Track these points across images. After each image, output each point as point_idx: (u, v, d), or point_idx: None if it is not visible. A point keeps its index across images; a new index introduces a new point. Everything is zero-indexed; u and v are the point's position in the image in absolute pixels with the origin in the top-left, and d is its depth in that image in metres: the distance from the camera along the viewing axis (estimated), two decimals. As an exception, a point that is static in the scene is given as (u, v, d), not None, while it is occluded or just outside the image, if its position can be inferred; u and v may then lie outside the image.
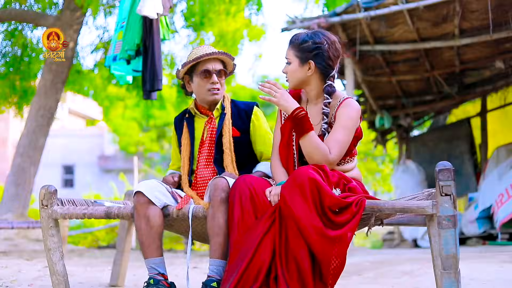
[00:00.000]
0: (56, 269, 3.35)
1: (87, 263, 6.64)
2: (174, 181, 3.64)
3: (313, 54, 3.23)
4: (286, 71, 3.31)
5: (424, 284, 4.34)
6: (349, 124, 3.19)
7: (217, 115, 3.68)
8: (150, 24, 5.90)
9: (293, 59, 3.27)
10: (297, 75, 3.28)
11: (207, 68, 3.61)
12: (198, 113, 3.71)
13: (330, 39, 3.27)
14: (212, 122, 3.65)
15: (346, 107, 3.23)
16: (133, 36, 5.92)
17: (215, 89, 3.62)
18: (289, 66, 3.29)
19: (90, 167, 33.62)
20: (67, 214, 3.37)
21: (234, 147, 3.61)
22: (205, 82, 3.62)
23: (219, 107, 3.68)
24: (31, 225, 7.03)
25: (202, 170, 3.60)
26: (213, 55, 3.59)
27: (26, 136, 9.15)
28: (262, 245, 2.88)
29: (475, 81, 10.83)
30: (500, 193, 8.42)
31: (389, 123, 11.44)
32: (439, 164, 2.82)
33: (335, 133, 3.17)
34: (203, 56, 3.57)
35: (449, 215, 2.78)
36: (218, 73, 3.63)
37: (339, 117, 3.21)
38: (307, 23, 8.23)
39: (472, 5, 7.76)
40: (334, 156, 3.12)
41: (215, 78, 3.60)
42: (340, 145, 3.15)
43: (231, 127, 3.63)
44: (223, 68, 3.66)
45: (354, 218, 2.83)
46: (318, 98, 3.33)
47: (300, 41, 3.27)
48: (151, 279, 3.21)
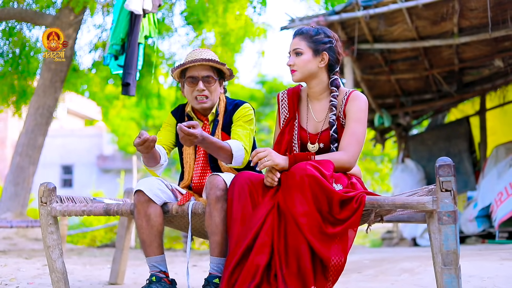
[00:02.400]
0: (55, 266, 3.35)
1: (86, 261, 6.63)
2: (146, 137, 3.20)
3: (327, 47, 3.27)
4: (294, 63, 3.28)
5: (424, 281, 4.34)
6: (362, 116, 3.22)
7: (212, 119, 3.63)
8: (134, 20, 5.92)
9: (306, 50, 3.26)
10: (308, 67, 3.26)
11: (193, 75, 3.53)
12: (195, 117, 3.66)
13: (336, 35, 3.35)
14: (206, 128, 3.61)
15: (354, 100, 3.25)
16: (119, 31, 5.98)
17: (202, 96, 3.52)
18: (300, 56, 3.26)
19: (89, 167, 33.63)
20: (66, 211, 3.36)
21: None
22: (191, 89, 3.55)
23: (214, 111, 3.62)
24: (30, 224, 7.02)
25: (199, 178, 3.59)
26: (195, 62, 3.49)
27: (25, 135, 9.15)
28: (259, 239, 2.87)
29: (474, 80, 10.84)
30: (499, 192, 8.42)
31: (388, 122, 11.43)
32: (439, 159, 2.81)
33: (350, 128, 3.19)
34: (186, 64, 3.52)
35: (449, 210, 2.77)
36: (206, 79, 3.53)
37: (349, 111, 3.23)
38: (306, 22, 8.24)
39: (471, 3, 7.76)
40: (353, 153, 3.14)
41: (200, 85, 3.51)
42: (358, 139, 3.17)
43: (220, 133, 3.56)
44: (211, 74, 3.54)
45: (354, 215, 2.83)
46: (323, 93, 3.34)
47: (314, 33, 3.29)
48: (153, 277, 3.21)
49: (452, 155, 10.91)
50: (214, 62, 3.52)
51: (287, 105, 3.42)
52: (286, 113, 3.41)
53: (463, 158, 11.03)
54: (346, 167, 3.13)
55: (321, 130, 3.30)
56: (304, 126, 3.36)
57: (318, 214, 2.81)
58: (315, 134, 3.31)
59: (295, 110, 3.39)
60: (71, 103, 30.77)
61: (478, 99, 11.61)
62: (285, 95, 3.47)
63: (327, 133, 3.27)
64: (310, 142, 3.32)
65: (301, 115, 3.39)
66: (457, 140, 11.34)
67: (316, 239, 2.78)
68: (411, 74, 10.38)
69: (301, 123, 3.38)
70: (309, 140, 3.32)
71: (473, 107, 11.89)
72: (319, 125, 3.31)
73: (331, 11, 8.39)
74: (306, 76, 3.29)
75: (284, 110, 3.43)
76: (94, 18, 10.16)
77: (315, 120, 3.33)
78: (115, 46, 5.98)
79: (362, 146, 3.20)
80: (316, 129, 3.33)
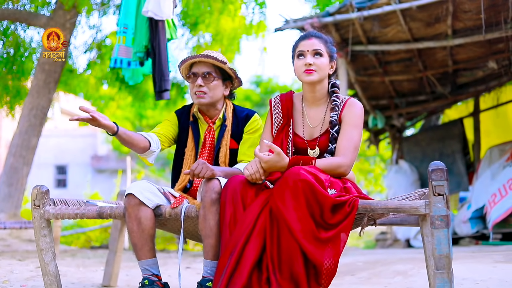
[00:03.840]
0: (48, 269, 3.34)
1: (79, 263, 6.62)
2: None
3: (336, 57, 3.36)
4: (316, 62, 3.25)
5: (417, 284, 4.35)
6: (358, 122, 3.25)
7: (219, 124, 3.66)
8: (156, 25, 5.92)
9: (325, 53, 3.29)
10: (325, 70, 3.30)
11: (194, 71, 3.62)
12: (202, 118, 3.69)
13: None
14: (211, 132, 3.64)
15: (351, 107, 3.28)
16: (140, 39, 5.98)
17: (200, 92, 3.58)
18: (320, 58, 3.27)
19: (83, 167, 33.55)
20: (59, 214, 3.36)
21: (232, 158, 3.60)
22: (192, 85, 3.62)
23: (221, 117, 3.65)
24: (24, 225, 7.00)
25: (200, 181, 3.56)
26: (195, 58, 3.59)
27: (18, 136, 9.12)
28: (250, 243, 2.86)
29: (468, 81, 10.85)
30: (493, 193, 8.44)
31: (382, 123, 11.45)
32: (432, 164, 2.82)
33: (346, 133, 3.20)
34: (187, 60, 3.61)
35: (442, 215, 2.78)
36: (206, 75, 3.59)
37: (346, 117, 3.25)
38: (301, 23, 8.24)
39: (465, 5, 7.78)
40: (350, 159, 3.15)
41: (199, 81, 3.57)
42: (355, 144, 3.19)
43: (229, 140, 3.62)
44: (211, 71, 3.60)
45: (347, 219, 2.83)
46: (322, 99, 3.36)
47: (329, 40, 3.35)
48: (145, 280, 3.21)
49: (445, 156, 10.94)
50: (213, 59, 3.56)
51: (281, 111, 3.41)
52: (279, 119, 3.41)
53: (456, 159, 11.05)
54: (343, 172, 3.14)
55: (319, 134, 3.30)
56: (299, 132, 3.36)
57: (311, 219, 2.81)
58: (312, 140, 3.31)
59: (289, 116, 3.39)
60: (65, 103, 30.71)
61: (472, 101, 11.64)
62: (278, 100, 3.46)
63: (324, 138, 3.27)
64: (309, 148, 3.32)
65: (296, 122, 3.39)
66: (451, 141, 11.36)
67: (309, 244, 2.78)
68: (405, 76, 10.39)
69: (296, 130, 3.37)
70: (308, 146, 3.32)
71: (467, 108, 11.92)
72: (314, 131, 3.31)
73: (325, 12, 8.38)
74: (321, 78, 3.29)
75: (277, 116, 3.42)
76: (89, 19, 10.11)
77: (310, 126, 3.34)
78: (139, 54, 6.00)
79: (358, 152, 3.22)
80: (311, 135, 3.33)
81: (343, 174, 3.14)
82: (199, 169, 3.16)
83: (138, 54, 6.03)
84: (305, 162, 3.07)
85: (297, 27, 8.31)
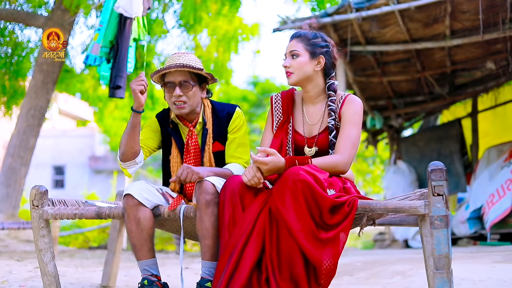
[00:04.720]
0: (47, 269, 3.34)
1: (78, 263, 6.61)
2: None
3: (324, 51, 3.29)
4: (290, 65, 3.26)
5: (416, 284, 4.34)
6: (357, 120, 3.24)
7: (200, 128, 3.57)
8: (124, 23, 5.91)
9: (303, 52, 3.26)
10: (305, 69, 3.26)
11: (170, 80, 3.48)
12: (181, 124, 3.60)
13: (332, 41, 3.38)
14: (193, 136, 3.54)
15: (350, 104, 3.27)
16: (108, 34, 5.97)
17: (180, 102, 3.45)
18: (297, 58, 3.25)
19: (80, 167, 33.49)
20: (58, 214, 3.35)
21: (218, 160, 3.54)
22: (169, 95, 3.48)
23: (201, 121, 3.55)
24: (22, 226, 6.99)
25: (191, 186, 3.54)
26: (170, 68, 3.43)
27: (16, 136, 9.12)
28: (249, 244, 2.86)
29: (466, 82, 10.86)
30: (491, 194, 8.45)
31: (380, 123, 11.45)
32: (431, 164, 2.82)
33: (346, 131, 3.19)
34: (161, 70, 3.47)
35: (441, 215, 2.78)
36: (183, 84, 3.45)
37: (345, 115, 3.24)
38: (299, 24, 8.24)
39: (463, 6, 7.79)
40: (348, 157, 3.14)
41: (177, 91, 3.43)
42: (353, 142, 3.17)
43: (211, 144, 3.54)
44: (188, 80, 3.46)
45: (346, 219, 2.83)
46: (318, 97, 3.34)
47: (311, 36, 3.30)
48: (145, 280, 3.20)
49: (443, 156, 10.94)
50: (189, 68, 3.43)
51: (281, 107, 3.41)
52: (280, 116, 3.40)
53: (454, 159, 11.05)
54: (341, 170, 3.13)
55: (318, 133, 3.29)
56: (299, 129, 3.35)
57: (310, 219, 2.80)
58: (311, 138, 3.31)
59: (289, 113, 3.38)
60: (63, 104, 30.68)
61: (470, 101, 11.63)
62: (279, 97, 3.45)
63: (323, 136, 3.27)
64: (307, 145, 3.31)
65: (296, 119, 3.38)
66: (449, 141, 11.37)
67: (309, 244, 2.77)
68: (403, 76, 10.40)
69: (296, 127, 3.37)
70: (306, 144, 3.32)
71: (465, 109, 11.92)
72: (313, 128, 3.31)
73: (324, 13, 8.38)
74: (302, 79, 3.27)
75: (277, 113, 3.41)
76: (86, 19, 10.12)
77: (309, 123, 3.33)
78: (104, 49, 5.97)
79: (357, 149, 3.20)
80: (311, 132, 3.32)
81: (342, 172, 3.14)
82: (185, 175, 3.14)
83: (103, 49, 5.99)
84: (301, 162, 3.06)
85: (295, 27, 8.31)
